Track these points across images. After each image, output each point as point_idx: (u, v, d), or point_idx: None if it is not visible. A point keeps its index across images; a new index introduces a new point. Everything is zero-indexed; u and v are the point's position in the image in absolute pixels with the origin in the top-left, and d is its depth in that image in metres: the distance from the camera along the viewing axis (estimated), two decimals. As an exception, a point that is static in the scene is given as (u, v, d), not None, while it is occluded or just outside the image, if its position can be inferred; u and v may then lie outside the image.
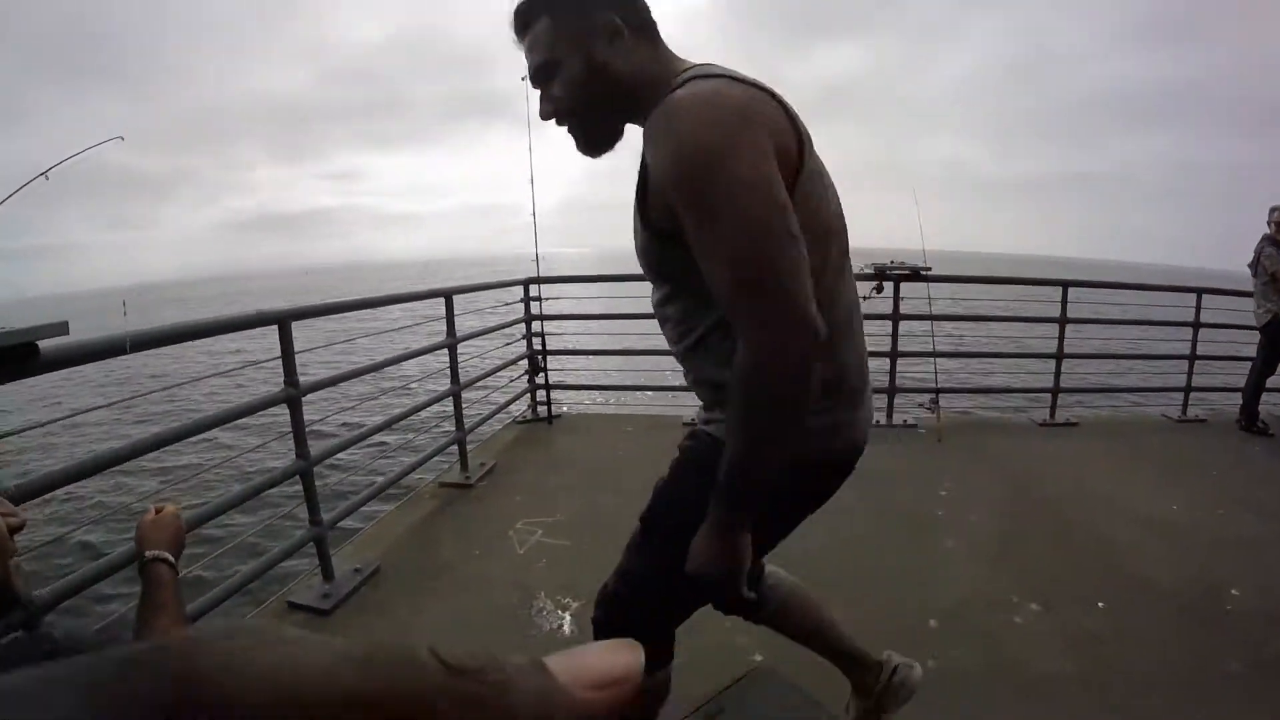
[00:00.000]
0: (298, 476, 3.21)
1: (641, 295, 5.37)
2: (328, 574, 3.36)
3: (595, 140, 1.32)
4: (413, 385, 6.33)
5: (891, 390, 5.85)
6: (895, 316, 5.82)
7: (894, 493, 4.23)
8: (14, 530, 1.08)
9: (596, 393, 7.70)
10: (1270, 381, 5.94)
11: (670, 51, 1.29)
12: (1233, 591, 3.12)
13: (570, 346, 6.79)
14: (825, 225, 1.22)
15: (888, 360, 5.88)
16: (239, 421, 2.90)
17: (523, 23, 1.27)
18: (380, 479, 4.09)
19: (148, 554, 1.41)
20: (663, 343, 1.51)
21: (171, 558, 1.43)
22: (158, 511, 1.53)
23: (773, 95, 1.15)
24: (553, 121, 1.31)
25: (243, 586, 2.91)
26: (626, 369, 6.88)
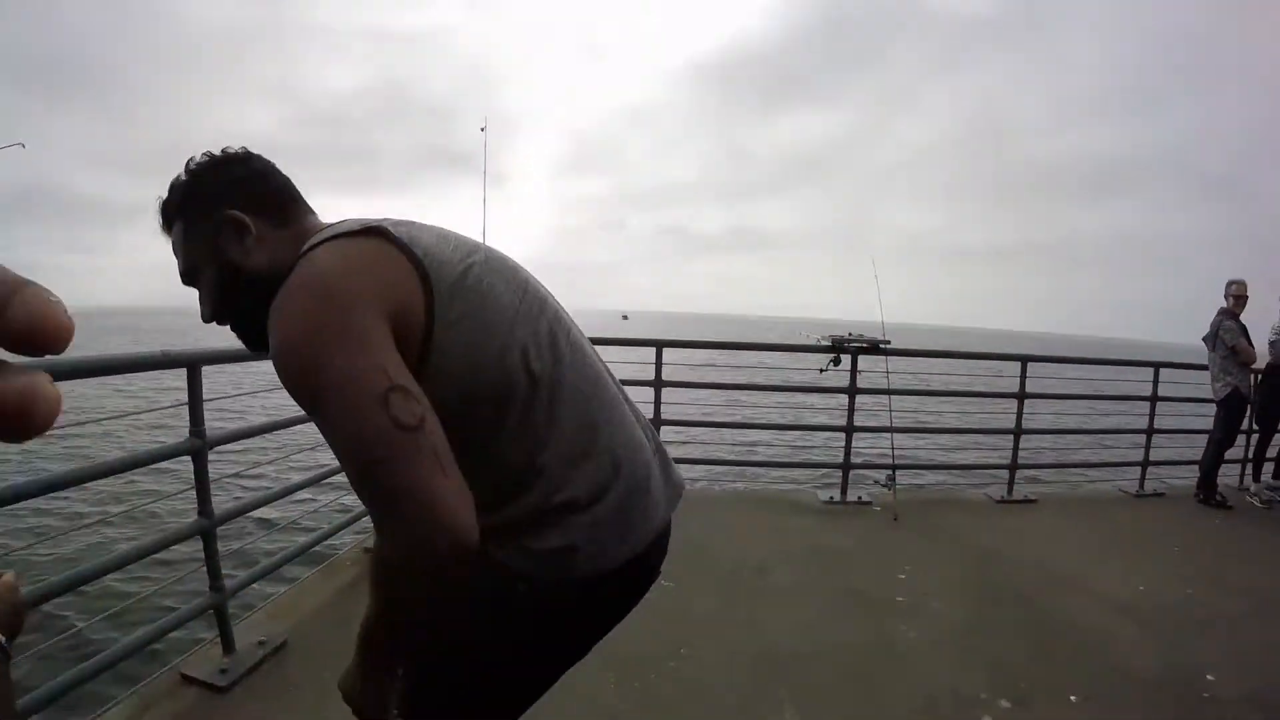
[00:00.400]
0: (198, 536, 2.87)
1: (606, 360, 5.20)
2: (228, 646, 2.95)
3: (254, 340, 1.17)
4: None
5: (846, 466, 5.62)
6: (852, 390, 5.60)
7: (850, 575, 3.98)
8: None
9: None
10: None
11: (306, 221, 1.22)
12: (1209, 676, 2.96)
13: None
14: (500, 364, 1.10)
15: (843, 435, 5.65)
16: (138, 471, 2.62)
17: (165, 225, 1.22)
18: (299, 540, 3.72)
19: None
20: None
21: (2, 638, 1.10)
22: None
23: (392, 238, 1.07)
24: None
25: (129, 654, 2.55)
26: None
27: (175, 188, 1.19)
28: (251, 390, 3.79)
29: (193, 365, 2.83)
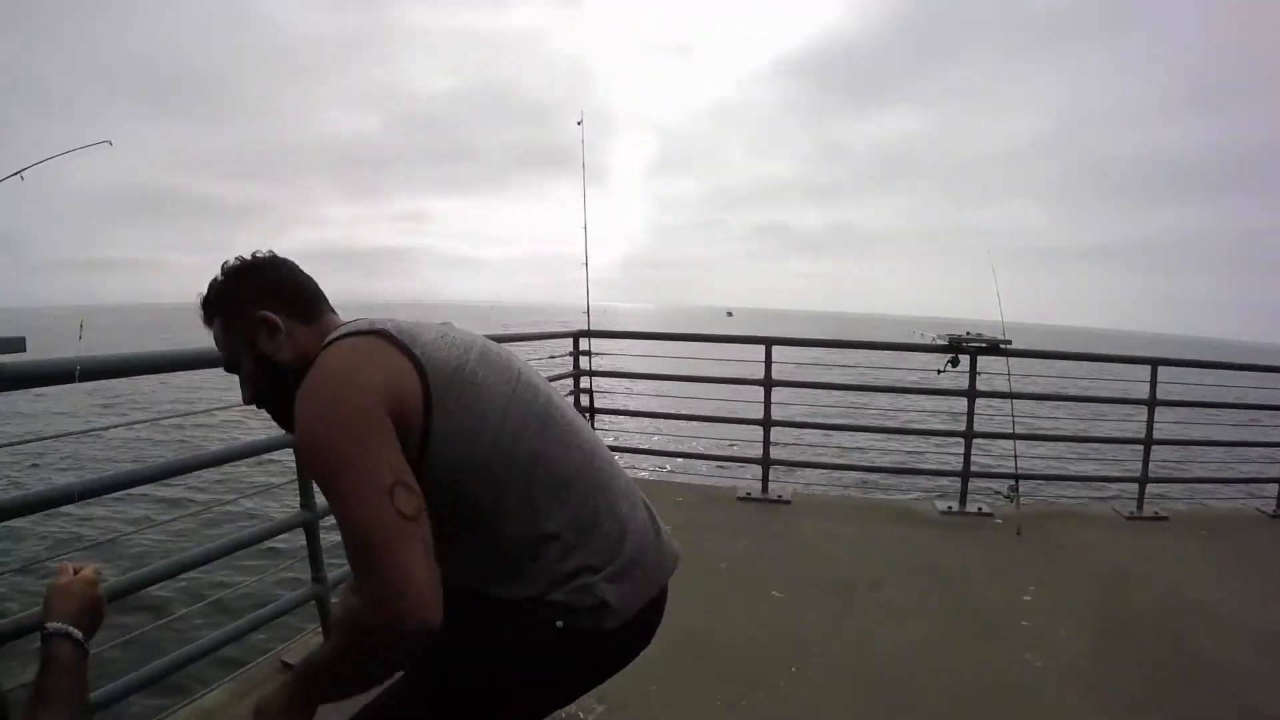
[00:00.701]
0: (301, 528, 2.95)
1: (700, 357, 5.09)
2: (328, 634, 2.96)
3: (287, 423, 1.33)
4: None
5: (966, 474, 5.35)
6: (971, 393, 5.32)
7: (969, 594, 3.79)
8: None
9: (646, 457, 7.41)
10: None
11: (327, 317, 1.41)
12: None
13: (621, 405, 6.55)
14: (496, 446, 1.24)
15: (962, 441, 5.40)
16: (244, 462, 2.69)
17: (206, 320, 1.39)
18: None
19: (48, 626, 1.17)
20: (722, 408, 1.37)
21: (78, 633, 1.18)
22: (75, 572, 1.29)
23: (392, 338, 1.23)
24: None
25: (231, 640, 2.67)
26: (680, 434, 6.58)
27: (214, 289, 1.38)
28: None
29: None
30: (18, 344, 1.83)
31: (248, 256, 1.40)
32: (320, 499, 3.02)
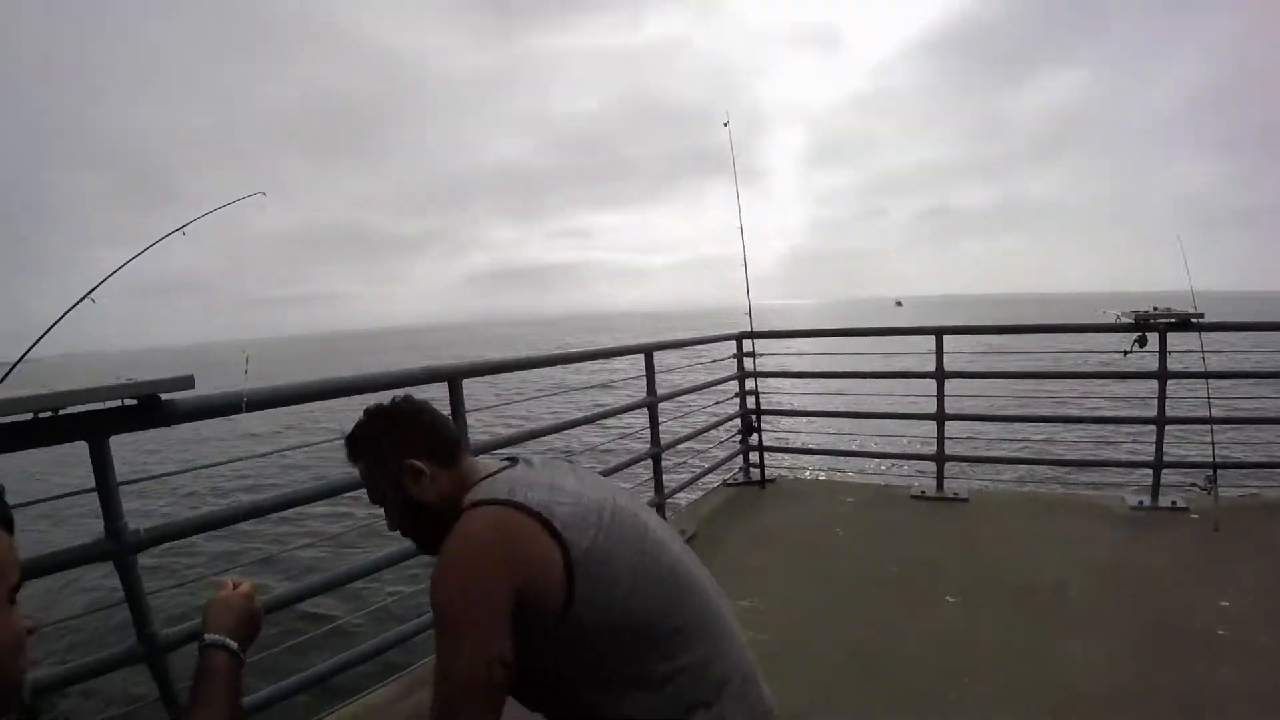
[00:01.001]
0: None
1: (866, 352, 5.01)
2: None
3: (429, 548, 1.54)
4: (613, 445, 6.24)
5: (1158, 465, 4.96)
6: (1162, 374, 4.89)
7: (1161, 599, 3.51)
8: (28, 633, 0.98)
9: (815, 456, 7.33)
10: None
11: (466, 462, 1.59)
12: None
13: (787, 406, 6.52)
14: (627, 607, 1.38)
15: (1152, 429, 4.98)
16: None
17: (350, 457, 1.59)
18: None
19: (206, 638, 1.32)
20: (892, 404, 1.47)
21: (234, 644, 1.33)
22: (235, 587, 1.44)
23: (533, 513, 1.37)
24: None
25: (397, 644, 2.96)
26: (849, 432, 6.48)
27: (362, 434, 1.59)
28: (508, 400, 4.06)
29: (453, 378, 3.10)
30: (187, 382, 2.06)
31: (387, 404, 1.63)
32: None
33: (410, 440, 1.56)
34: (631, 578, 1.41)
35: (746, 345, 5.85)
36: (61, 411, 1.90)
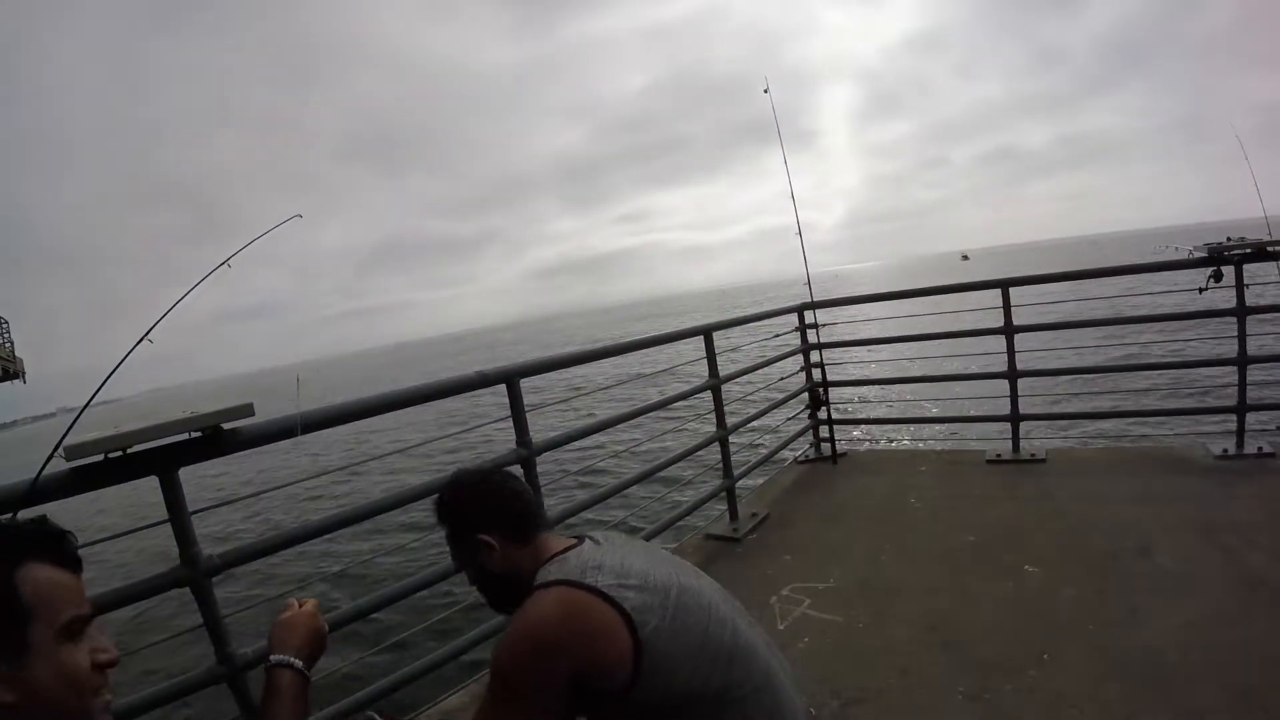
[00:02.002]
0: None
1: (934, 312, 4.88)
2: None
3: (499, 608, 1.73)
4: (678, 431, 6.19)
5: (1241, 409, 4.68)
6: (1241, 311, 4.57)
7: (1254, 556, 3.32)
8: (105, 666, 1.02)
9: (886, 426, 7.21)
10: None
11: (545, 543, 1.68)
12: None
13: (855, 376, 6.39)
14: (690, 682, 1.46)
15: (1234, 370, 4.71)
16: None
17: (438, 520, 1.73)
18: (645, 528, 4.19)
19: (272, 659, 1.37)
20: (964, 364, 1.47)
21: (299, 663, 1.38)
22: (300, 606, 1.49)
23: (605, 596, 1.45)
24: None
25: (474, 645, 3.03)
26: (919, 397, 6.35)
27: (446, 505, 1.72)
28: (570, 394, 4.13)
29: (510, 380, 3.12)
30: (246, 410, 2.14)
31: (475, 475, 1.77)
32: (555, 508, 3.37)
33: (487, 515, 1.68)
34: (697, 656, 1.48)
35: (808, 317, 5.75)
36: (129, 450, 1.97)
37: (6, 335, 23.94)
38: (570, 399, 5.44)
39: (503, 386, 3.13)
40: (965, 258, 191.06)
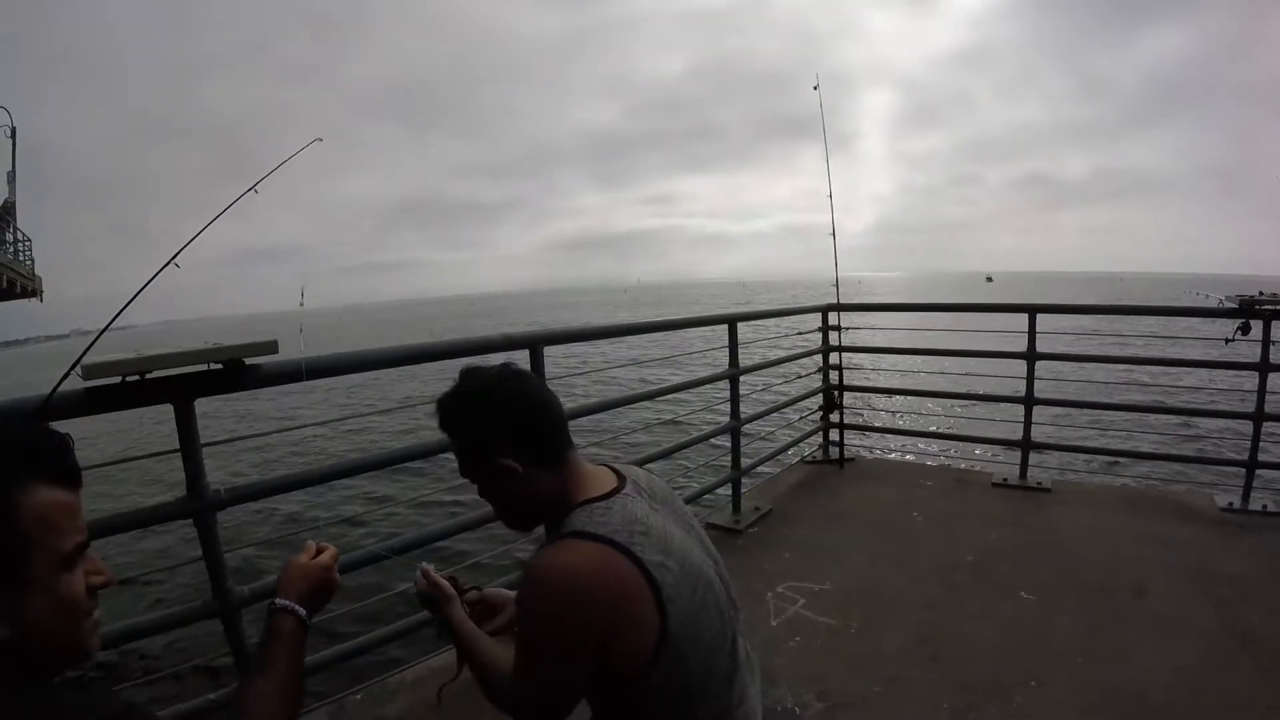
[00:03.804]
0: None
1: (953, 329, 4.91)
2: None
3: (517, 529, 1.54)
4: (693, 417, 6.24)
5: (1252, 464, 4.69)
6: (1264, 367, 4.57)
7: (1249, 611, 3.32)
8: (99, 587, 1.01)
9: (896, 437, 7.23)
10: None
11: (577, 471, 1.47)
12: None
13: (871, 383, 6.41)
14: (694, 690, 1.39)
15: (1249, 424, 4.71)
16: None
17: (441, 425, 1.48)
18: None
19: (277, 602, 1.34)
20: (979, 384, 1.49)
21: (302, 610, 1.35)
22: (319, 551, 1.46)
23: (649, 577, 1.32)
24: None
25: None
26: (932, 412, 6.37)
27: (455, 412, 1.47)
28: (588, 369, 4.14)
29: (534, 346, 3.12)
30: (270, 347, 2.15)
31: (487, 377, 1.48)
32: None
33: (509, 436, 1.42)
34: (709, 650, 1.40)
35: (832, 319, 5.75)
36: (148, 375, 1.98)
37: (28, 253, 24.00)
38: (586, 372, 5.48)
39: (526, 352, 3.11)
40: (989, 279, 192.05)
